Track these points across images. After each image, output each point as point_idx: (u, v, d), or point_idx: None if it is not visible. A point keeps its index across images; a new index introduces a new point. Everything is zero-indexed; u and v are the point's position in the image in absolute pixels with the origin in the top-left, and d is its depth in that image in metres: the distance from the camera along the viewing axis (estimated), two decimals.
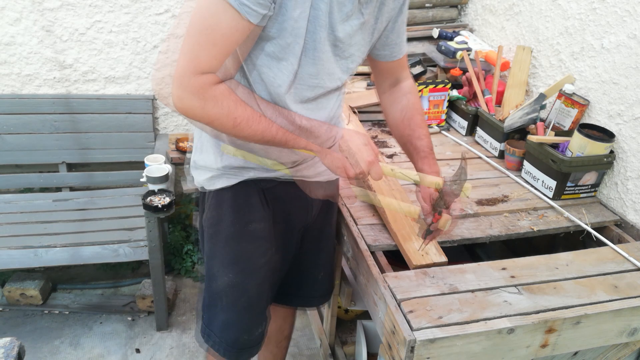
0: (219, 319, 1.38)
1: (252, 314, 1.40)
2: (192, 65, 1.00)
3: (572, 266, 1.36)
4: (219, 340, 1.39)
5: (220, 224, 1.30)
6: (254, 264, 1.33)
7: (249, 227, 1.29)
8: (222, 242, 1.31)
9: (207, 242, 1.34)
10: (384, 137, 2.06)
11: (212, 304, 1.39)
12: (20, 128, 2.37)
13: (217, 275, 1.34)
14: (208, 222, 1.32)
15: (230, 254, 1.32)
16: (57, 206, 2.34)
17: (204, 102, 1.00)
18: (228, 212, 1.28)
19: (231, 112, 1.02)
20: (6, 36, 2.26)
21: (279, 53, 1.05)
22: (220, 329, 1.39)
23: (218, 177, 1.26)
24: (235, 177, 1.26)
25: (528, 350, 1.19)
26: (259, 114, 1.04)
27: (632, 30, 1.58)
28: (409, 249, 1.37)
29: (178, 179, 2.64)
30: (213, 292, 1.37)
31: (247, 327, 1.40)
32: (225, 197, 1.28)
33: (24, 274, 2.37)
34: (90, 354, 2.13)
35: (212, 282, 1.36)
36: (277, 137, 1.07)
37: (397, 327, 1.12)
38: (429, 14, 2.49)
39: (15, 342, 0.96)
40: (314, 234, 1.49)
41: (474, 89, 2.10)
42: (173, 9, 2.37)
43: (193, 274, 2.58)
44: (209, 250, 1.35)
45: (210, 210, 1.31)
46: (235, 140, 1.15)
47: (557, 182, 1.64)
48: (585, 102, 1.74)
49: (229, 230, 1.29)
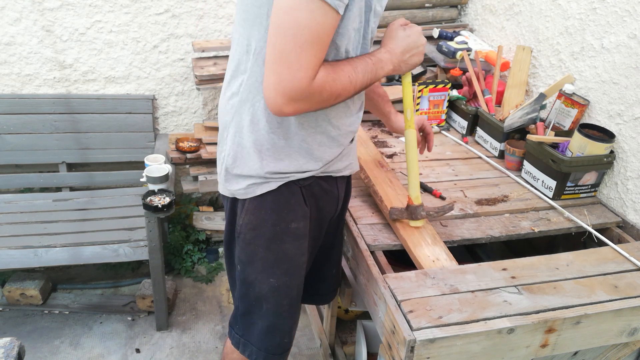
0: (258, 326, 1.35)
1: (294, 314, 1.38)
2: (309, 74, 0.99)
3: (572, 266, 1.36)
4: (257, 348, 1.37)
5: (260, 227, 1.26)
6: (296, 263, 1.31)
7: (291, 227, 1.26)
8: (263, 246, 1.27)
9: (245, 248, 1.29)
10: (384, 137, 2.06)
11: (248, 312, 1.36)
12: (20, 128, 2.37)
13: (256, 281, 1.31)
14: (246, 227, 1.27)
15: (272, 256, 1.28)
16: (57, 206, 2.34)
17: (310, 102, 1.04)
18: (269, 214, 1.25)
19: (333, 93, 1.06)
20: (6, 36, 2.26)
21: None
22: (259, 337, 1.36)
23: (258, 185, 1.22)
24: (275, 182, 1.22)
25: (528, 350, 1.19)
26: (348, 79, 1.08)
27: (632, 30, 1.58)
28: (420, 255, 1.37)
29: (178, 179, 2.64)
30: (251, 299, 1.33)
31: (289, 329, 1.39)
32: (265, 199, 1.24)
33: (24, 274, 2.37)
34: (90, 353, 2.13)
35: (250, 289, 1.32)
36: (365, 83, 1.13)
37: (397, 327, 1.12)
38: (429, 14, 2.49)
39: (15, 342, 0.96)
40: (331, 229, 1.47)
41: (474, 89, 2.10)
42: (173, 9, 2.37)
43: (193, 274, 2.58)
44: (247, 256, 1.30)
45: (248, 215, 1.26)
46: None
47: (557, 182, 1.64)
48: (585, 102, 1.74)
49: (271, 232, 1.26)
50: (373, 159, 1.73)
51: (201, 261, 2.64)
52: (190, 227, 2.66)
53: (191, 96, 2.59)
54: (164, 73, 2.50)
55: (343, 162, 1.32)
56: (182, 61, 2.50)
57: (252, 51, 1.11)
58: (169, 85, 2.53)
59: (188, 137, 2.53)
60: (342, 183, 1.37)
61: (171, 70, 2.50)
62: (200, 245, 2.68)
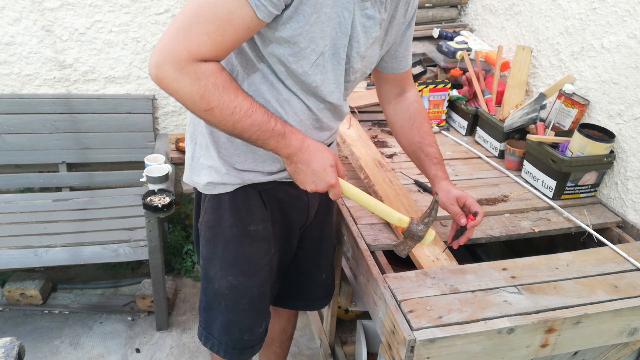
0: (218, 321, 1.38)
1: (254, 314, 1.40)
2: (192, 48, 0.93)
3: (572, 266, 1.36)
4: (218, 342, 1.39)
5: (218, 227, 1.29)
6: (255, 265, 1.33)
7: (249, 229, 1.28)
8: (222, 245, 1.30)
9: (205, 245, 1.33)
10: (384, 137, 2.06)
11: (210, 307, 1.38)
12: (20, 128, 2.37)
13: (215, 277, 1.33)
14: (205, 225, 1.31)
15: (230, 256, 1.30)
16: (57, 206, 2.34)
17: (180, 74, 0.94)
18: (227, 215, 1.27)
19: (206, 95, 0.96)
20: (6, 36, 2.26)
21: (290, 56, 1.04)
22: (219, 331, 1.38)
23: (215, 185, 1.24)
24: (232, 185, 1.24)
25: (528, 350, 1.19)
26: (234, 105, 0.99)
27: (632, 30, 1.58)
28: (420, 254, 1.37)
29: (178, 179, 2.64)
30: (211, 294, 1.36)
31: (249, 327, 1.40)
32: (223, 200, 1.26)
33: (24, 273, 2.37)
34: (90, 353, 2.13)
35: (210, 284, 1.35)
36: (247, 132, 1.03)
37: (397, 327, 1.12)
38: (429, 14, 2.49)
39: (15, 342, 0.96)
40: (313, 234, 1.48)
41: (474, 89, 2.10)
42: (173, 9, 2.37)
43: (193, 273, 2.58)
44: (207, 253, 1.33)
45: (208, 213, 1.29)
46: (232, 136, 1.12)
47: (557, 182, 1.64)
48: (585, 102, 1.74)
49: (229, 233, 1.28)
50: (373, 158, 1.73)
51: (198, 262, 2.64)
52: (190, 227, 2.66)
53: None
54: None
55: None
56: None
57: None
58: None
59: None
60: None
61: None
62: None
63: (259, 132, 1.03)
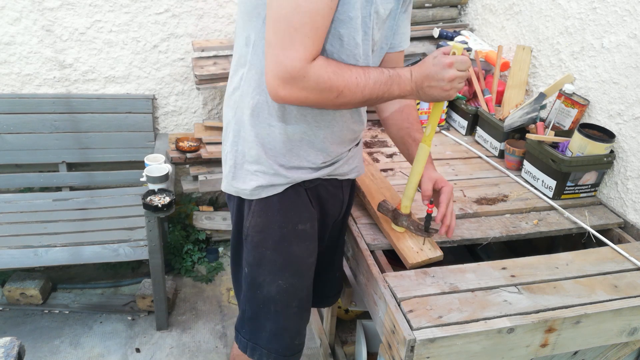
0: (267, 328, 1.34)
1: (304, 315, 1.38)
2: (302, 55, 0.98)
3: (572, 266, 1.36)
4: (267, 351, 1.35)
5: (267, 229, 1.25)
6: (303, 265, 1.31)
7: (298, 228, 1.26)
8: (271, 248, 1.26)
9: (252, 250, 1.28)
10: (384, 137, 2.06)
11: (256, 315, 1.34)
12: (20, 128, 2.37)
13: (264, 283, 1.30)
14: (254, 229, 1.26)
15: (279, 258, 1.27)
16: (57, 206, 2.34)
17: (305, 84, 1.00)
18: (276, 216, 1.24)
19: (333, 85, 1.03)
20: (6, 36, 2.26)
21: (342, 29, 1.06)
22: (268, 339, 1.34)
23: (264, 188, 1.22)
24: (281, 186, 1.22)
25: (528, 349, 1.19)
26: (354, 77, 1.05)
27: (632, 29, 1.58)
28: (404, 247, 1.37)
29: (178, 179, 2.64)
30: (259, 301, 1.32)
31: (299, 330, 1.38)
32: (272, 201, 1.23)
33: (24, 273, 2.37)
34: (91, 353, 2.13)
35: (258, 291, 1.31)
36: (375, 92, 1.08)
37: (397, 327, 1.12)
38: (429, 14, 2.49)
39: (15, 341, 0.96)
40: (335, 232, 1.47)
41: (474, 89, 2.10)
42: (173, 9, 2.37)
43: (193, 273, 2.58)
44: (254, 259, 1.29)
45: (255, 217, 1.25)
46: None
47: (557, 181, 1.64)
48: (585, 102, 1.74)
49: (278, 234, 1.25)
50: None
51: (201, 261, 2.64)
52: (190, 227, 2.66)
53: (191, 96, 2.59)
54: (164, 73, 2.50)
55: (349, 164, 1.32)
56: (182, 61, 2.50)
57: (251, 43, 1.10)
58: (169, 84, 2.53)
59: (188, 136, 2.53)
60: (347, 186, 1.37)
61: (171, 70, 2.50)
62: (200, 244, 2.68)
63: (383, 86, 1.09)
